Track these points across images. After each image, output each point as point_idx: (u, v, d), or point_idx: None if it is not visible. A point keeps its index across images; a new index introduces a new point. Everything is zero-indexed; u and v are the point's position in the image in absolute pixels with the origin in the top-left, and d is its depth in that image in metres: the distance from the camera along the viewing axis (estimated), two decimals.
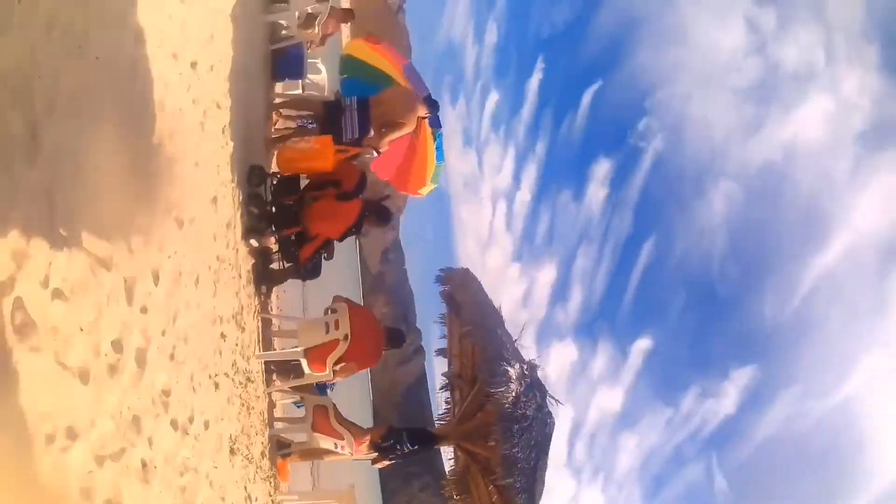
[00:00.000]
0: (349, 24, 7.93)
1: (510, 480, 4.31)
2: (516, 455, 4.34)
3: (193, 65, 3.44)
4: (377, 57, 6.64)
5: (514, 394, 4.49)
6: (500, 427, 4.35)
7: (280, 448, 5.07)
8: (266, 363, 4.80)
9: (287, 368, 5.00)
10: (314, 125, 5.65)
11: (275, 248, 4.89)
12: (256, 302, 4.67)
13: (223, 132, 4.05)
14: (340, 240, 4.89)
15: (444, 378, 6.13)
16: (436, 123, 6.64)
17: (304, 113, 6.12)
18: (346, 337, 4.63)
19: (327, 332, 4.71)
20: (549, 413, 5.27)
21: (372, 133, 5.29)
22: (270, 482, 4.55)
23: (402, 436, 5.32)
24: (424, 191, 7.13)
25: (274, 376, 5.02)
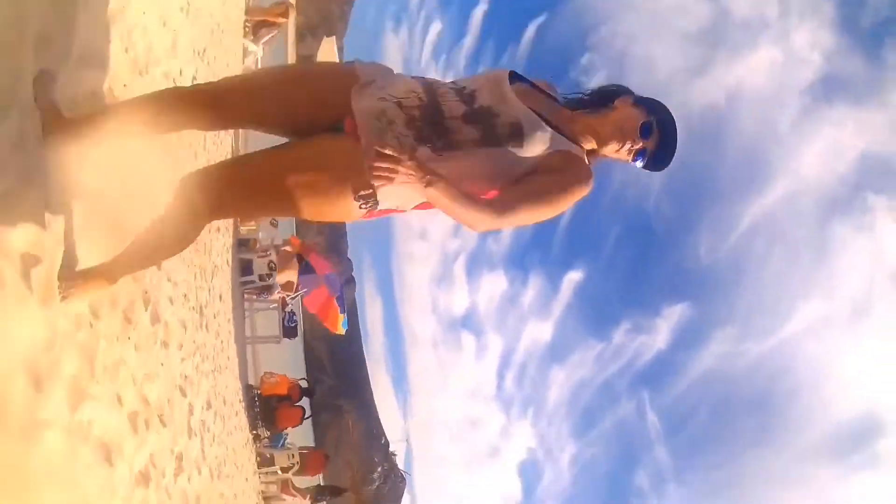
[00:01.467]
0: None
1: None
2: None
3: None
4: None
5: (376, 486, 9.96)
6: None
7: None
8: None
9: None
10: None
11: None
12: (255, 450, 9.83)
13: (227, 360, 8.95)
14: (293, 427, 10.02)
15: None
16: (342, 308, 11.72)
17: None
18: (298, 463, 9.93)
19: (288, 459, 10.00)
20: (402, 477, 10.87)
21: None
22: None
23: (325, 491, 10.81)
24: (338, 330, 12.36)
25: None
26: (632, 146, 1.66)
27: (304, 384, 10.35)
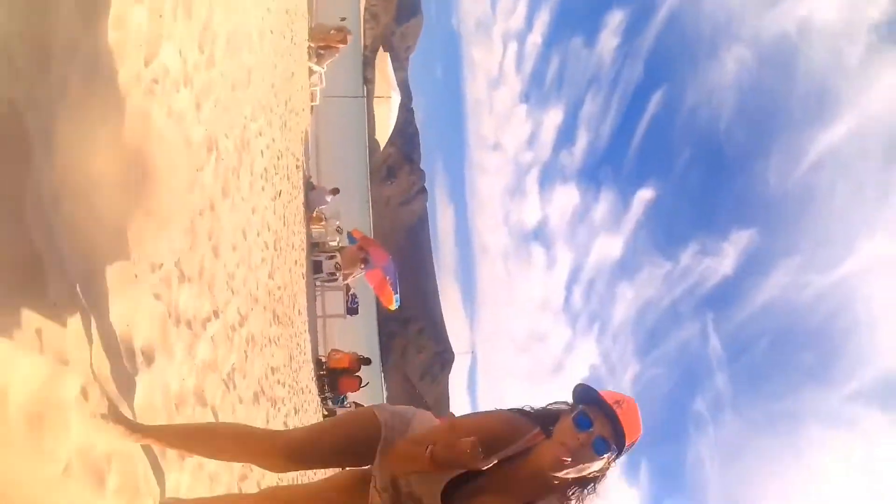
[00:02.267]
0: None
1: None
2: None
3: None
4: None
5: None
6: None
7: None
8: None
9: None
10: None
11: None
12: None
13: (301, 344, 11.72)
14: (352, 392, 12.82)
15: None
16: (395, 290, 14.26)
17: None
18: None
19: None
20: None
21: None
22: None
23: None
24: (391, 306, 14.97)
25: None
26: (578, 449, 1.62)
27: (365, 356, 13.13)
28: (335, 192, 13.32)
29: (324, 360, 12.66)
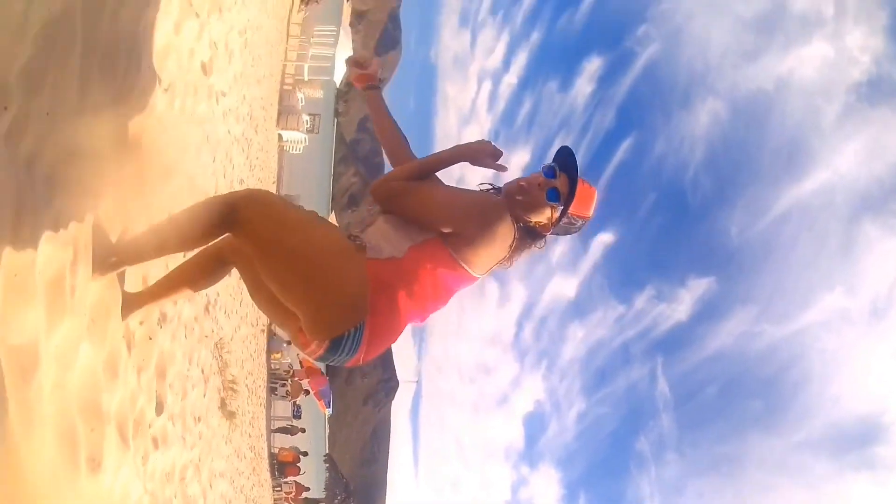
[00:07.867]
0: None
1: None
2: None
3: None
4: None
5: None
6: None
7: None
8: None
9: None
10: None
11: None
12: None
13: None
14: (294, 476, 19.39)
15: None
16: (328, 405, 20.98)
17: None
18: (293, 490, 19.50)
19: (289, 488, 19.57)
20: None
21: None
22: None
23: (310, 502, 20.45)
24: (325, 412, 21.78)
25: None
26: (534, 186, 1.86)
27: (303, 450, 19.71)
28: None
29: (276, 451, 19.25)
